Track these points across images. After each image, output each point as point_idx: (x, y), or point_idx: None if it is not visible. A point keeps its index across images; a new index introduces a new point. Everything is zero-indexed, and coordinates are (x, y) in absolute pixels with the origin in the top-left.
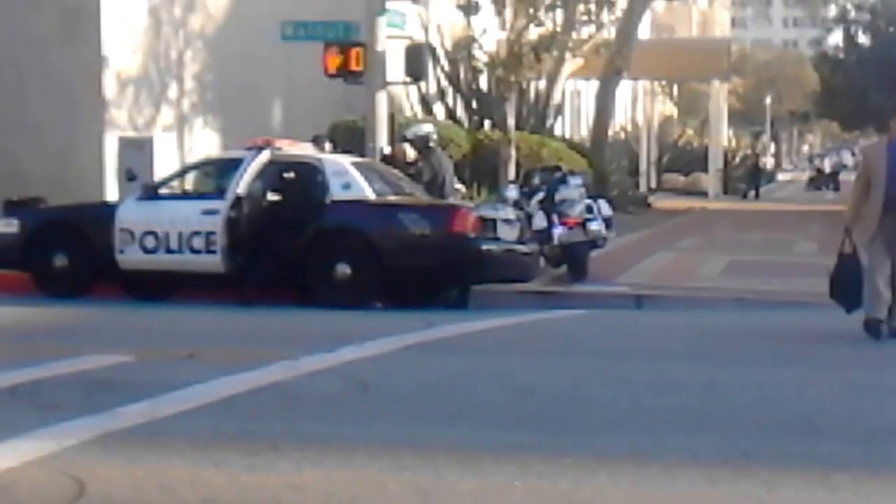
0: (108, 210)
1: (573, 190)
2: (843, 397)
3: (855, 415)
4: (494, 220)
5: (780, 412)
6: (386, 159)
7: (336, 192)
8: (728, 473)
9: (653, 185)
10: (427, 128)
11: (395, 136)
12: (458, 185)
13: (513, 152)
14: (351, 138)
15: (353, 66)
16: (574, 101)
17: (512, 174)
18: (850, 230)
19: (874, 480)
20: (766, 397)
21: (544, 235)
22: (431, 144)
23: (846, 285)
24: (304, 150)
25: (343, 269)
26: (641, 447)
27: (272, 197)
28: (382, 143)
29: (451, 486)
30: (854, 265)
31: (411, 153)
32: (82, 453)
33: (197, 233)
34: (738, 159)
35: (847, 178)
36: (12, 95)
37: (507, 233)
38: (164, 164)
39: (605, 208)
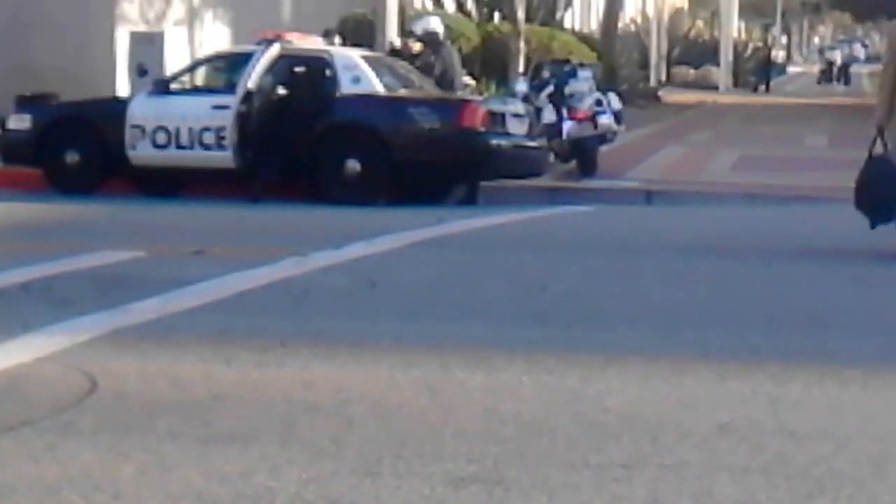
0: (120, 105)
1: (583, 83)
2: (854, 293)
3: (866, 310)
4: (504, 115)
5: (791, 307)
6: (394, 53)
7: (346, 87)
8: (737, 369)
9: (663, 78)
10: (434, 22)
11: (405, 30)
12: (468, 79)
13: (522, 45)
14: (360, 31)
15: None
16: None
17: (521, 67)
18: (883, 129)
19: (885, 376)
20: (776, 292)
21: (554, 130)
22: (441, 38)
23: (875, 193)
24: (315, 43)
25: (353, 165)
26: (650, 342)
27: (282, 91)
28: (392, 36)
29: (461, 383)
30: (886, 170)
31: (416, 46)
32: (94, 349)
33: (207, 128)
34: (748, 52)
35: (859, 70)
36: None
37: (517, 127)
38: (175, 59)
39: (614, 102)
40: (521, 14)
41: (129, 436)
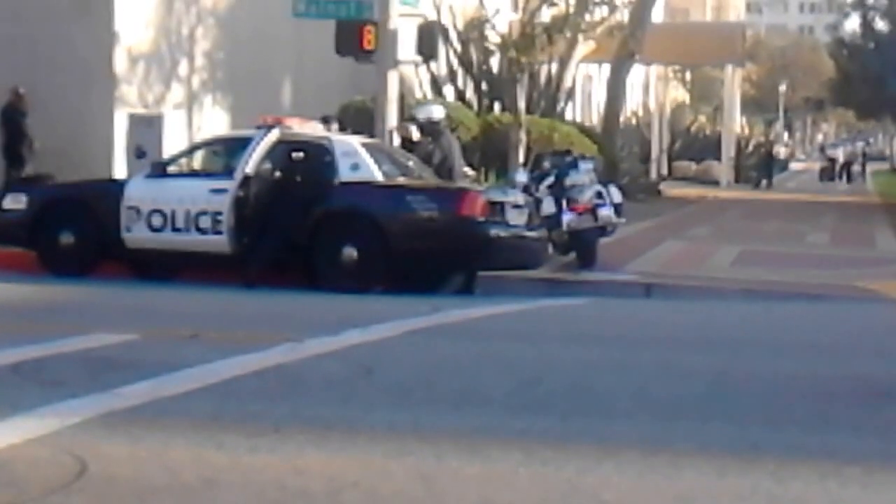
0: (116, 187)
1: (583, 175)
2: (855, 389)
3: (868, 407)
4: (503, 205)
5: (791, 403)
6: (403, 143)
7: (345, 174)
8: (736, 465)
9: (664, 172)
10: (437, 111)
11: (406, 117)
12: (467, 169)
13: (523, 136)
14: (360, 119)
15: (365, 45)
16: (585, 86)
17: (522, 158)
18: None
19: (886, 474)
20: (776, 388)
21: (553, 221)
22: (441, 127)
23: None
24: (314, 129)
25: (349, 253)
26: (649, 436)
27: (280, 177)
28: (392, 124)
29: (456, 472)
30: None
31: (416, 134)
32: (85, 432)
33: (204, 212)
34: (750, 147)
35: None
36: (24, 70)
37: (516, 218)
38: (173, 142)
39: (615, 195)
40: (521, 105)
41: None
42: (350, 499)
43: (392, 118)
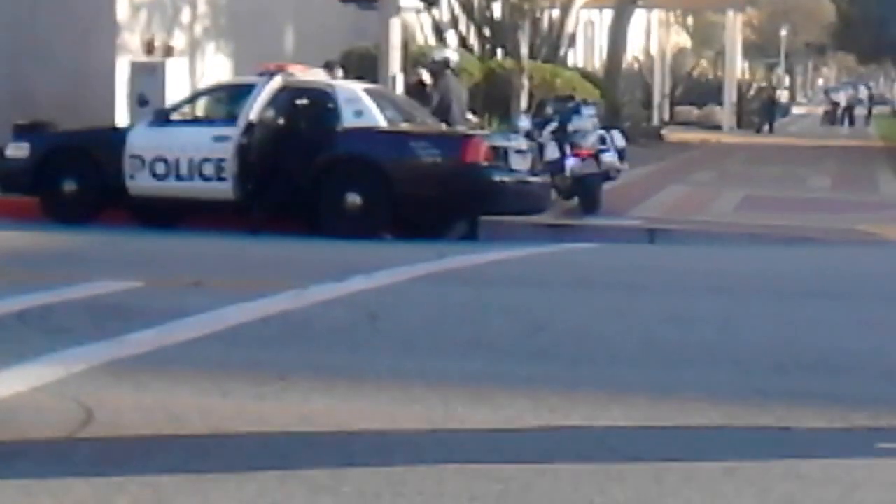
0: (119, 135)
1: (586, 120)
2: (861, 334)
3: (873, 352)
4: (506, 150)
5: (797, 349)
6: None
7: (348, 120)
8: (743, 410)
9: (666, 117)
10: (448, 52)
11: (408, 64)
12: (470, 115)
13: (525, 82)
14: (364, 65)
15: None
16: (587, 31)
17: (524, 104)
18: None
19: (893, 420)
20: (782, 333)
21: (556, 166)
22: (447, 70)
23: None
24: (317, 76)
25: (353, 199)
26: (656, 382)
27: (284, 124)
28: (395, 70)
29: (462, 419)
30: None
31: (427, 77)
32: (90, 380)
33: (207, 159)
34: (752, 92)
35: (863, 112)
36: (24, 19)
37: (519, 163)
38: (175, 90)
39: (618, 139)
40: (524, 50)
41: (124, 468)
42: (356, 446)
43: (395, 65)
